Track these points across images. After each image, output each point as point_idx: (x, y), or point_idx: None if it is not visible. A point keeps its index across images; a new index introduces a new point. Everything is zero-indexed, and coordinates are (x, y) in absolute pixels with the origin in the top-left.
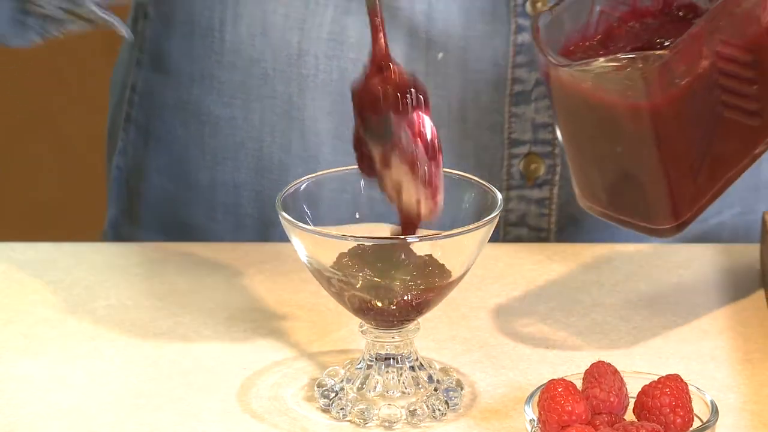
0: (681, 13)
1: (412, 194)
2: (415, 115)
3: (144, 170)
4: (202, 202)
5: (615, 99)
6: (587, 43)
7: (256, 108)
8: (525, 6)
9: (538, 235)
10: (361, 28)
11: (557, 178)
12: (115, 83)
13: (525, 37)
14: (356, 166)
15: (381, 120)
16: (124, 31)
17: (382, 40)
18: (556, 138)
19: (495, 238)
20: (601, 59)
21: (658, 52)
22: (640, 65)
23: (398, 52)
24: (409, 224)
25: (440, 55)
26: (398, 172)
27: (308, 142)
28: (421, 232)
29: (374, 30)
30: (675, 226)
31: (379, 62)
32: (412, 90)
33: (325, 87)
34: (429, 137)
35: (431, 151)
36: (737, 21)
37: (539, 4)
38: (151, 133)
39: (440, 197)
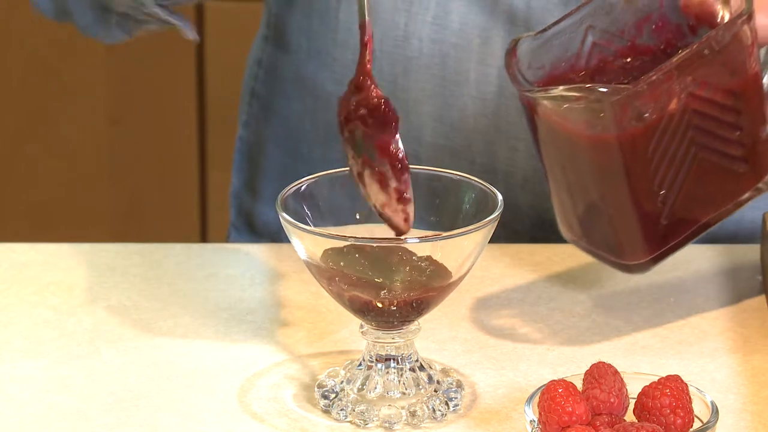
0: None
1: (385, 210)
2: (384, 135)
3: (264, 143)
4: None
5: (579, 129)
6: (573, 74)
7: None
8: None
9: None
10: (465, 14)
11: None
12: (249, 58)
13: None
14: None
15: (352, 137)
16: (190, 33)
17: (367, 58)
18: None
19: None
20: (561, 87)
21: (621, 86)
22: (599, 97)
23: (498, 40)
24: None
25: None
26: (371, 188)
27: (411, 123)
28: (421, 232)
29: (361, 46)
30: (645, 262)
31: (359, 80)
32: (384, 110)
33: (428, 70)
34: (399, 156)
35: (399, 170)
36: (716, 65)
37: None
38: (272, 108)
39: (411, 211)
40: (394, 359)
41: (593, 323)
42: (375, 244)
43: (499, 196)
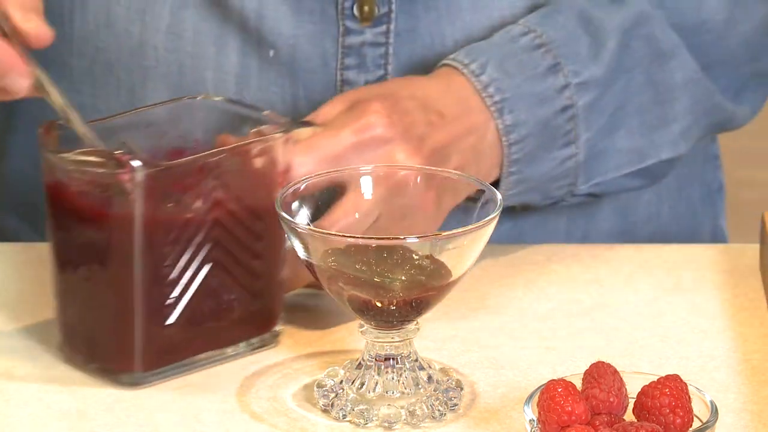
0: None
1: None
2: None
3: (6, 151)
4: None
5: (99, 205)
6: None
7: (102, 95)
8: (353, 9)
9: None
10: (198, 22)
11: None
12: None
13: (353, 40)
14: (357, 166)
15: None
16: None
17: None
18: None
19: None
20: (78, 151)
21: (152, 161)
22: (124, 167)
23: (233, 48)
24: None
25: (272, 52)
26: None
27: None
28: (421, 232)
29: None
30: (138, 374)
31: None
32: None
33: (165, 78)
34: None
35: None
36: (242, 179)
37: (366, 8)
38: (15, 114)
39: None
40: (393, 359)
41: (592, 323)
42: (374, 244)
43: (499, 196)
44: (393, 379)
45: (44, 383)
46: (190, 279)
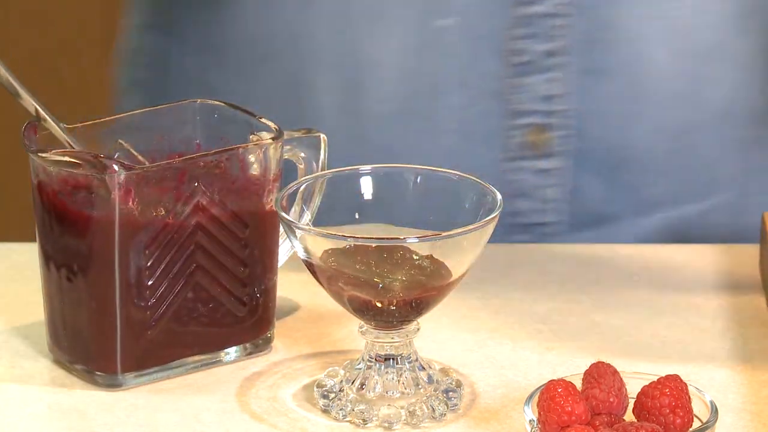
0: None
1: None
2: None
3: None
4: None
5: (80, 206)
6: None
7: (261, 80)
8: None
9: (540, 207)
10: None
11: (566, 149)
12: (122, 46)
13: (526, 10)
14: (356, 166)
15: None
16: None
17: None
18: (559, 113)
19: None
20: (56, 151)
21: (131, 165)
22: (104, 168)
23: (400, 18)
24: None
25: (444, 21)
26: None
27: (314, 115)
28: (421, 232)
29: None
30: (116, 375)
31: None
32: None
33: (330, 58)
34: None
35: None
36: (227, 183)
37: None
38: (165, 97)
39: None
40: (393, 359)
41: (592, 323)
42: (374, 244)
43: (499, 196)
44: (393, 379)
45: (44, 383)
46: (171, 283)
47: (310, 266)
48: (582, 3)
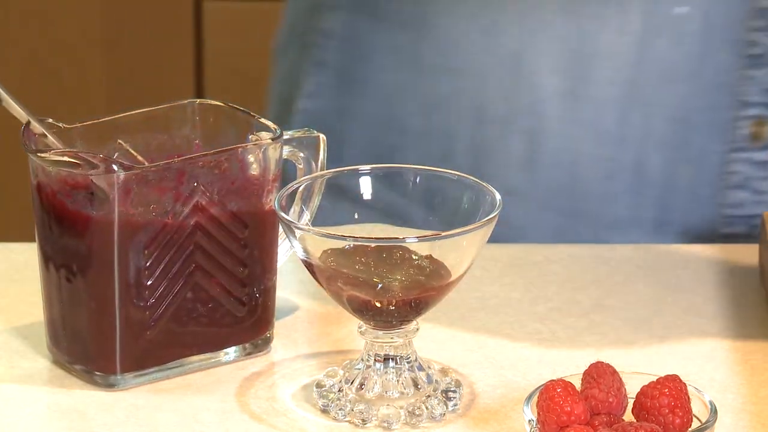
0: None
1: None
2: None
3: (344, 113)
4: (415, 148)
5: (80, 207)
6: None
7: (478, 59)
8: None
9: (759, 199)
10: None
11: None
12: (290, 29)
13: (762, 2)
14: (356, 167)
15: None
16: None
17: None
18: None
19: (716, 202)
20: (55, 151)
21: (129, 165)
22: (102, 168)
23: (637, 6)
24: None
25: (682, 9)
26: None
27: (535, 97)
28: (420, 232)
29: None
30: (116, 376)
31: None
32: None
33: (557, 43)
34: None
35: None
36: (226, 183)
37: None
38: (354, 77)
39: None
40: (392, 359)
41: (591, 323)
42: (374, 244)
43: (497, 195)
44: (392, 379)
45: (44, 383)
46: (170, 283)
47: (309, 266)
48: None
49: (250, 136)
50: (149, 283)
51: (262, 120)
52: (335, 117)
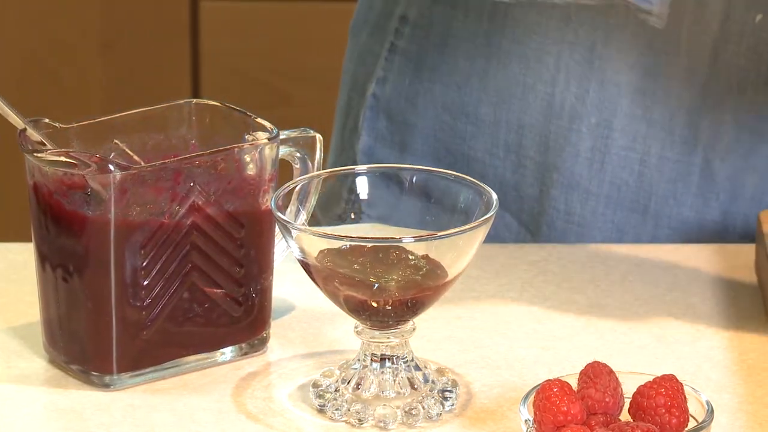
0: None
1: None
2: None
3: (415, 100)
4: (484, 137)
5: (77, 206)
6: None
7: (553, 51)
8: None
9: None
10: None
11: None
12: (367, 10)
13: None
14: (351, 167)
15: None
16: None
17: None
18: None
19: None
20: (52, 151)
21: (126, 165)
22: (95, 168)
23: (716, 9)
24: None
25: (759, 17)
26: None
27: (606, 93)
28: (416, 232)
29: None
30: (114, 377)
31: None
32: None
33: (634, 38)
34: None
35: None
36: (222, 183)
37: None
38: (427, 64)
39: None
40: (389, 359)
41: (588, 323)
42: (370, 244)
43: (494, 195)
44: (389, 379)
45: (40, 383)
46: (167, 283)
47: (305, 266)
48: None
49: (246, 136)
50: (146, 283)
51: (259, 120)
52: (406, 103)
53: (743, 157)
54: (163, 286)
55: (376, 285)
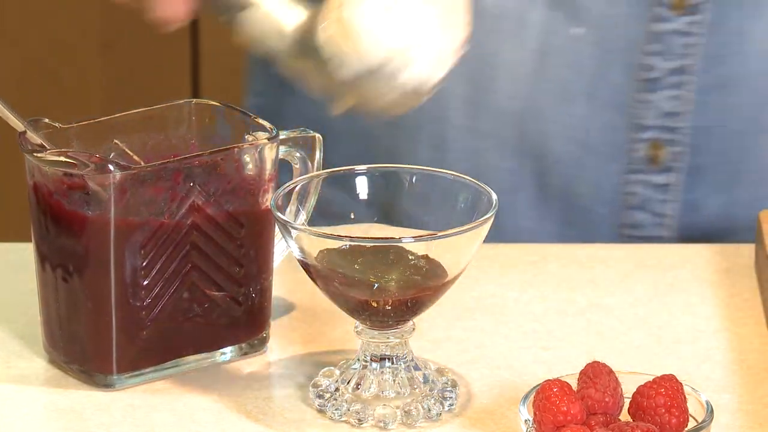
0: None
1: None
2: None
3: (283, 113)
4: (338, 147)
5: (77, 207)
6: None
7: None
8: None
9: (658, 221)
10: None
11: (681, 165)
12: None
13: (661, 27)
14: (352, 166)
15: None
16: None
17: None
18: (682, 128)
19: (615, 221)
20: (52, 151)
21: (126, 165)
22: (98, 168)
23: (535, 22)
24: None
25: (578, 30)
26: None
27: (440, 103)
28: (416, 232)
29: None
30: (112, 377)
31: None
32: None
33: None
34: None
35: None
36: (222, 182)
37: None
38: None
39: None
40: (389, 359)
41: (588, 323)
42: (370, 244)
43: (494, 195)
44: (389, 379)
45: (40, 383)
46: (166, 283)
47: (305, 266)
48: (713, 19)
49: (246, 136)
50: (145, 283)
51: (259, 120)
52: (275, 117)
53: (573, 168)
54: (162, 286)
55: (376, 285)
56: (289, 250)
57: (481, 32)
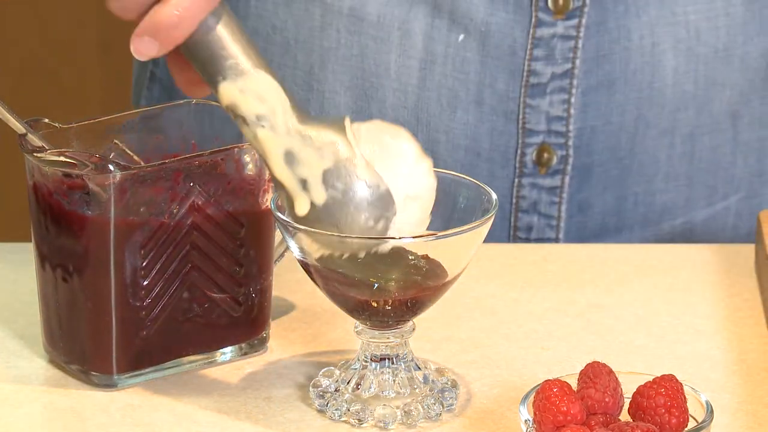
0: None
1: None
2: None
3: None
4: None
5: (77, 207)
6: None
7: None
8: (548, 1)
9: (548, 222)
10: (382, 5)
11: (569, 168)
12: None
13: (544, 32)
14: None
15: None
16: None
17: None
18: (569, 131)
19: (506, 225)
20: (52, 151)
21: (126, 165)
22: (97, 169)
23: (419, 32)
24: None
25: (461, 37)
26: None
27: (327, 114)
28: (417, 232)
29: None
30: (111, 377)
31: None
32: None
33: (346, 61)
34: None
35: None
36: (221, 183)
37: (561, 1)
38: (177, 92)
39: None
40: (389, 359)
41: (588, 323)
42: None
43: (494, 195)
44: (389, 379)
45: (40, 383)
46: (166, 283)
47: (305, 266)
48: (594, 21)
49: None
50: (145, 283)
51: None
52: None
53: (464, 173)
54: (162, 286)
55: (376, 285)
56: (289, 250)
57: (366, 42)
